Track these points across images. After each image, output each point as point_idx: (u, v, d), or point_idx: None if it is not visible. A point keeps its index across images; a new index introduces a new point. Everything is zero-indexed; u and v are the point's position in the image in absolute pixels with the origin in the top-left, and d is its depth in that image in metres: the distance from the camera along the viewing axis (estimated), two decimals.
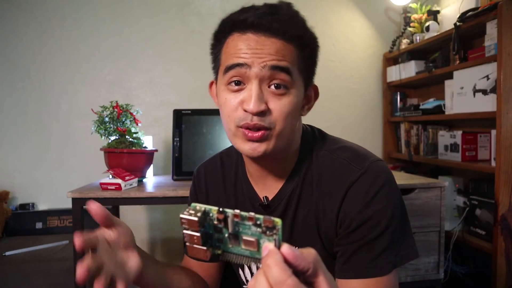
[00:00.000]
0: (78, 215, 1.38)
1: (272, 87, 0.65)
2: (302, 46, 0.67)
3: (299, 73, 0.67)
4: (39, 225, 2.09)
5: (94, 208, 0.52)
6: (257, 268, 0.80)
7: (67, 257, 1.70)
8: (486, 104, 1.67)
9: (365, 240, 0.65)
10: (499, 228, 1.54)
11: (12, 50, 2.19)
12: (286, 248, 0.35)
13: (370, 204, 0.65)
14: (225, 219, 0.40)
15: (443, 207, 1.51)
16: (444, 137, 1.95)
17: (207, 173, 0.86)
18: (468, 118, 1.83)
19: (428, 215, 1.50)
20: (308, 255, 0.36)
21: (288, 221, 0.74)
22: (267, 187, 0.76)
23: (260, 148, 0.66)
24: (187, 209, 0.41)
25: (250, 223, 0.39)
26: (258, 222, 0.38)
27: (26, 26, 2.20)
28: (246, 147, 0.66)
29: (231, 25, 0.67)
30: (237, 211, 0.39)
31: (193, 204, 0.42)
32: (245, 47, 0.64)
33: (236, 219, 0.39)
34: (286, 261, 0.34)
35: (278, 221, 0.37)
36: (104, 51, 2.26)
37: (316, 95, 0.76)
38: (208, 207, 0.41)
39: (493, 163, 1.62)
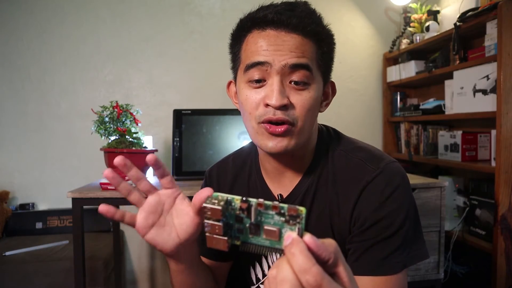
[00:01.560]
0: (78, 215, 1.37)
1: (293, 83, 0.66)
2: (320, 41, 0.68)
3: (318, 69, 0.69)
4: (39, 225, 2.09)
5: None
6: (268, 265, 0.80)
7: (67, 257, 1.70)
8: (486, 104, 1.67)
9: (378, 239, 0.66)
10: (499, 228, 1.54)
11: (12, 50, 2.19)
12: (308, 237, 0.35)
13: (384, 204, 0.67)
14: (248, 208, 0.40)
15: (443, 207, 1.51)
16: (444, 137, 1.95)
17: (220, 174, 0.87)
18: (468, 118, 1.83)
19: (428, 215, 1.50)
20: (329, 245, 0.36)
21: None
22: (282, 185, 0.77)
23: (282, 143, 0.67)
24: (209, 199, 0.42)
25: (273, 212, 0.39)
26: (282, 211, 0.39)
27: (26, 26, 2.20)
28: (269, 143, 0.67)
29: (251, 22, 0.68)
30: (261, 200, 0.39)
31: (215, 194, 0.42)
32: (265, 44, 0.65)
33: (259, 208, 0.40)
34: (308, 250, 0.35)
35: (302, 209, 0.38)
36: (104, 51, 2.26)
37: (334, 91, 0.77)
38: (230, 196, 0.41)
39: (493, 163, 1.62)
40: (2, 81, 2.19)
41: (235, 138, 1.73)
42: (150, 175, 1.87)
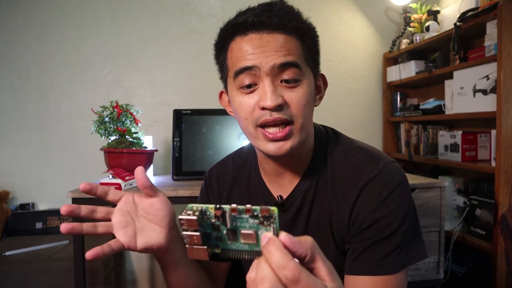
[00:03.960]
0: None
1: (284, 82, 0.66)
2: (303, 36, 0.69)
3: (307, 64, 0.69)
4: (39, 225, 2.09)
5: (139, 174, 0.57)
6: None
7: (67, 257, 1.70)
8: (486, 104, 1.67)
9: (377, 239, 0.66)
10: (499, 228, 1.54)
11: (12, 50, 2.19)
12: (283, 235, 0.36)
13: (383, 204, 0.67)
14: (223, 215, 0.40)
15: (443, 207, 1.51)
16: (444, 137, 1.95)
17: (219, 174, 0.87)
18: (468, 118, 1.83)
19: (428, 215, 1.50)
20: (305, 241, 0.37)
21: (302, 219, 0.75)
22: (282, 186, 0.77)
23: (285, 146, 0.67)
24: (184, 211, 0.42)
25: (247, 215, 0.40)
26: (255, 213, 0.39)
27: (26, 26, 2.20)
28: (271, 147, 0.67)
29: (232, 29, 0.68)
30: (234, 205, 0.40)
31: (189, 205, 0.42)
32: (250, 48, 0.65)
33: (233, 213, 0.40)
34: (284, 247, 0.35)
35: (274, 209, 0.38)
36: (104, 51, 2.26)
37: (325, 83, 0.78)
38: (205, 206, 0.41)
39: (493, 163, 1.62)
40: (2, 81, 2.19)
41: (235, 138, 1.73)
42: (150, 175, 1.87)
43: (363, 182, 0.69)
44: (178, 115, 1.72)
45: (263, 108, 0.65)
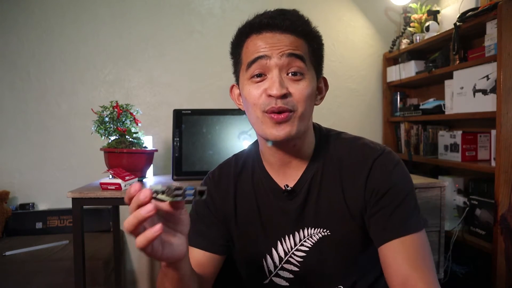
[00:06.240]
0: (78, 215, 1.38)
1: (290, 74, 0.75)
2: (310, 40, 0.78)
3: (311, 63, 0.78)
4: (39, 225, 2.09)
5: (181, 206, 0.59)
6: (279, 256, 0.83)
7: (67, 257, 1.70)
8: (486, 104, 1.67)
9: (395, 204, 0.74)
10: (499, 228, 1.54)
11: (12, 50, 2.19)
12: None
13: (393, 173, 0.77)
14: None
15: (443, 207, 1.51)
16: (444, 137, 1.95)
17: (221, 175, 0.90)
18: (468, 118, 1.83)
19: (428, 215, 1.50)
20: None
21: (312, 203, 0.81)
22: (287, 176, 0.83)
23: (285, 129, 0.74)
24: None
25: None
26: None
27: (26, 26, 2.20)
28: (273, 131, 0.74)
29: (249, 28, 0.77)
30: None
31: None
32: (263, 43, 0.75)
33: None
34: None
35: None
36: (104, 51, 2.26)
37: (326, 86, 0.86)
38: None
39: (493, 163, 1.62)
40: (2, 81, 2.19)
41: (235, 138, 1.73)
42: (150, 175, 1.87)
43: (372, 158, 0.78)
44: (178, 115, 1.72)
45: (269, 96, 0.73)
